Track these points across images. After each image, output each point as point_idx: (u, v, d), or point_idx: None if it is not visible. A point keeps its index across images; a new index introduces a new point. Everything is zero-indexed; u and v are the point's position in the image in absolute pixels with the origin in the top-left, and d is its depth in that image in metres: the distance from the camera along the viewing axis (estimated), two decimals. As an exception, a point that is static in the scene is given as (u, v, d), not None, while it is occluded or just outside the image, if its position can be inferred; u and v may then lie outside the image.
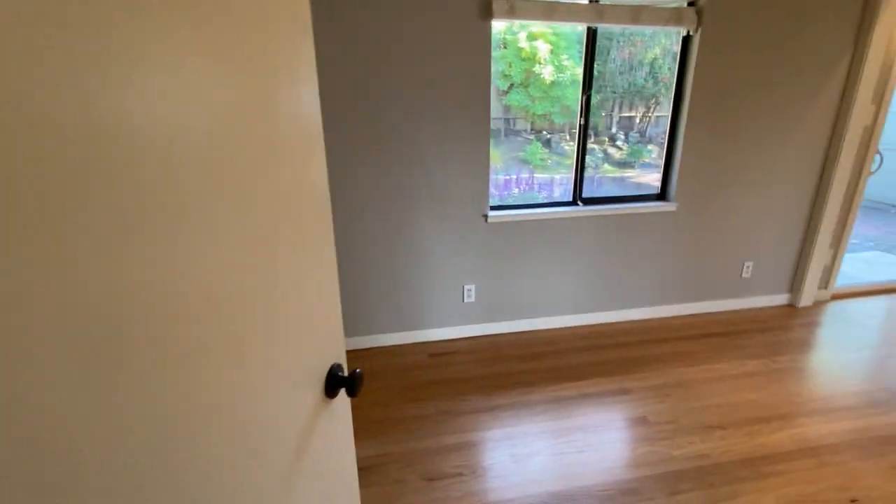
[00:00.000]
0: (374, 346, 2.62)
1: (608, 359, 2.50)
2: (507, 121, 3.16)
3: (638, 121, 3.06)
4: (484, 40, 2.23)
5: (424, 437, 1.91)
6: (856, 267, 3.79)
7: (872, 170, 3.00)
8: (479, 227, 2.55)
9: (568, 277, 2.78)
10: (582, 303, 2.86)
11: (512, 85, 2.99)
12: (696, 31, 2.44)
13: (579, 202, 2.72)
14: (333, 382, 0.80)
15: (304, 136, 0.66)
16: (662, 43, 2.64)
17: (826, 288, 3.22)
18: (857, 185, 2.98)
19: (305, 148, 0.66)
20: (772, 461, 1.77)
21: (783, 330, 2.83)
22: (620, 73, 2.74)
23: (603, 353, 2.57)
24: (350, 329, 2.57)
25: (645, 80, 2.84)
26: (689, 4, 2.41)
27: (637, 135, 3.09)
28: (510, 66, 2.93)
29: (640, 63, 2.77)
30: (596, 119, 2.65)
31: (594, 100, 2.56)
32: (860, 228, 4.93)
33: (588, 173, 2.70)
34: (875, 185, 3.16)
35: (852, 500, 1.59)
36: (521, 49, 2.90)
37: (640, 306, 2.96)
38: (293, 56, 0.62)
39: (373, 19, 2.09)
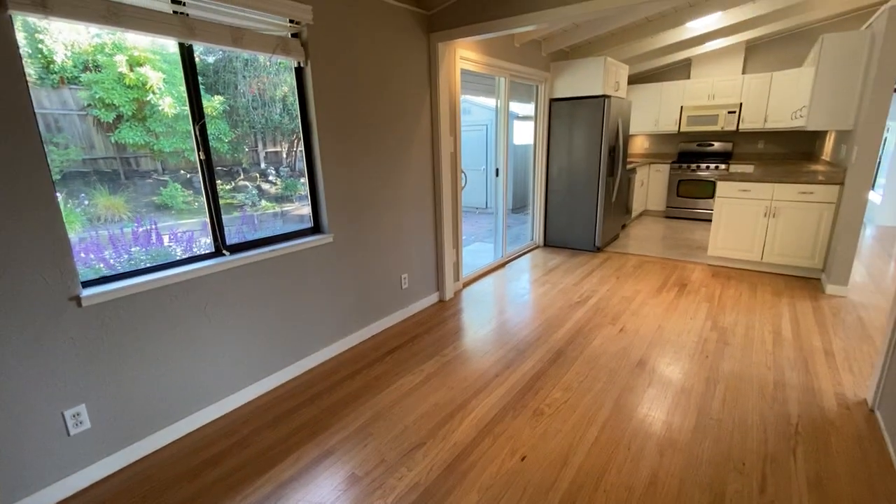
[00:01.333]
0: None
1: (303, 421, 2.18)
2: (125, 160, 2.42)
3: (285, 155, 2.94)
4: (3, 40, 1.45)
5: None
6: (469, 257, 4.94)
7: (463, 185, 3.92)
8: (66, 315, 1.69)
9: (233, 344, 2.27)
10: (260, 367, 2.42)
11: (120, 117, 2.28)
12: (305, 63, 2.43)
13: (225, 251, 2.26)
14: None
15: None
16: (289, 81, 2.57)
17: (459, 279, 4.01)
18: (456, 197, 3.82)
19: None
20: (464, 456, 1.91)
21: (441, 324, 3.29)
22: (254, 109, 2.64)
23: (296, 416, 2.22)
24: None
25: (281, 115, 2.77)
26: (293, 36, 2.37)
27: (287, 169, 2.96)
28: (112, 94, 2.22)
29: (273, 99, 2.68)
30: (240, 155, 2.38)
31: (230, 135, 2.23)
32: (463, 228, 6.58)
33: (247, 211, 2.33)
34: (464, 195, 4.33)
35: (522, 458, 1.88)
36: (122, 75, 2.23)
37: (325, 346, 2.79)
38: None
39: None
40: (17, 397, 1.60)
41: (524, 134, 5.28)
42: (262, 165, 2.90)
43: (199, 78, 2.10)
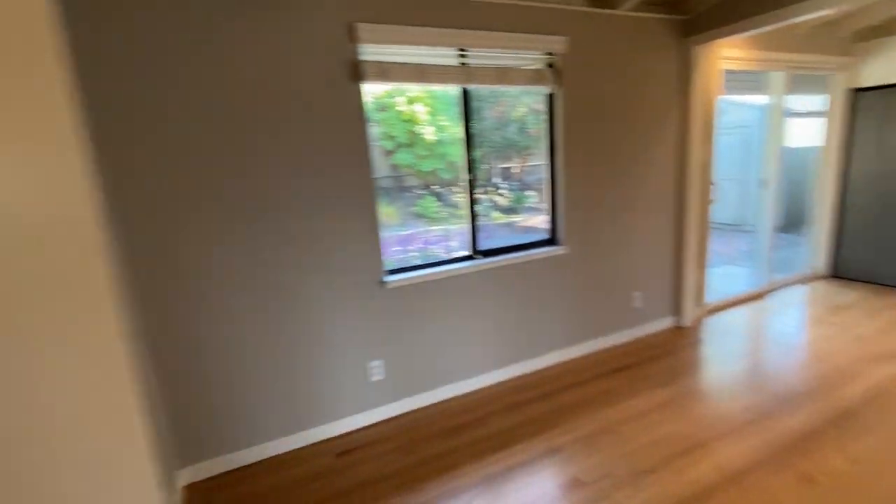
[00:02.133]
0: (263, 457, 2.17)
1: (532, 416, 2.38)
2: (396, 178, 3.21)
3: (517, 170, 3.26)
4: (356, 101, 2.14)
5: (339, 571, 1.54)
6: (716, 281, 4.30)
7: (712, 198, 3.48)
8: (376, 294, 2.33)
9: (478, 334, 2.66)
10: (496, 359, 2.75)
11: (398, 145, 3.05)
12: (557, 89, 2.64)
13: (476, 255, 2.67)
14: None
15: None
16: (526, 102, 2.85)
17: (700, 305, 3.57)
18: (704, 212, 3.42)
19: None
20: (702, 498, 1.74)
21: (677, 352, 3.01)
22: (495, 130, 2.98)
23: (526, 409, 2.44)
24: (227, 444, 2.10)
25: (517, 134, 3.07)
26: (548, 66, 2.62)
27: (517, 183, 3.28)
28: (393, 128, 3.01)
29: (510, 120, 3.00)
30: (479, 172, 2.74)
31: (476, 155, 2.62)
32: (711, 248, 5.72)
33: (480, 221, 2.72)
34: (714, 210, 3.77)
35: (781, 524, 1.60)
36: (401, 112, 2.98)
37: (552, 350, 2.95)
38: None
39: (241, 76, 1.88)
40: (342, 352, 2.30)
41: (801, 135, 4.27)
42: (496, 180, 3.27)
43: (453, 109, 2.51)
